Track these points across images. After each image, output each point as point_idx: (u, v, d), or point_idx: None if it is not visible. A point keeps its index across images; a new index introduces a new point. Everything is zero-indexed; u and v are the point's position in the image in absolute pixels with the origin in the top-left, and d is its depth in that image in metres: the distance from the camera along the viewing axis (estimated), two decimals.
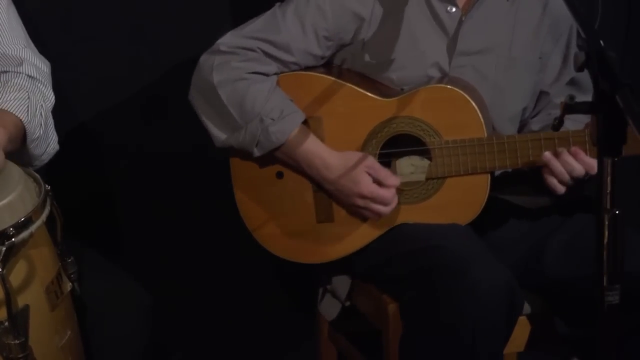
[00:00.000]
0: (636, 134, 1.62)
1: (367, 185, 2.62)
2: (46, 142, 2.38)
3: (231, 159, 2.77)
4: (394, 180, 2.63)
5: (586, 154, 2.55)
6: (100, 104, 3.14)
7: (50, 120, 2.41)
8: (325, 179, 2.66)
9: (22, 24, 2.50)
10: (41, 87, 2.42)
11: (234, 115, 2.64)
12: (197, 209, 3.27)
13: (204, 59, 2.69)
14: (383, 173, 2.63)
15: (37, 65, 2.45)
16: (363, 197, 2.63)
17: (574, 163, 2.56)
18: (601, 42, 1.75)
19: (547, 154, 2.58)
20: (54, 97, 2.45)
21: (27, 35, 2.51)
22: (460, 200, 2.65)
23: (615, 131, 1.71)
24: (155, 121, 3.20)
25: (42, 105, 2.37)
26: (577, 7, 1.89)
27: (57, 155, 2.45)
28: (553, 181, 2.59)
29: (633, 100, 1.66)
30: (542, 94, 2.82)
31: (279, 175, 2.74)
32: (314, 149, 2.65)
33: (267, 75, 2.67)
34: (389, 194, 2.63)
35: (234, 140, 2.66)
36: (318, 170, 2.66)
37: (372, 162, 2.64)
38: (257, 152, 2.65)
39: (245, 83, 2.64)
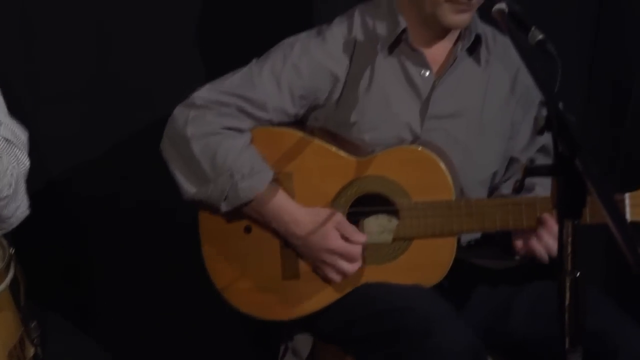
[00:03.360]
0: (595, 198, 1.62)
1: (335, 241, 2.63)
2: (15, 204, 2.36)
3: (200, 212, 2.77)
4: (360, 237, 2.64)
5: (554, 220, 2.55)
6: (67, 162, 3.15)
7: (22, 184, 2.39)
8: (294, 234, 2.66)
9: (1, 94, 2.52)
10: (17, 151, 2.41)
11: (204, 169, 2.64)
12: (163, 270, 3.26)
13: (179, 111, 2.70)
14: (350, 229, 2.64)
15: (15, 132, 2.44)
16: (331, 252, 2.63)
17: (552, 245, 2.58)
18: (561, 105, 1.77)
19: (546, 215, 2.57)
20: (29, 163, 2.43)
21: (5, 107, 2.51)
22: (427, 262, 2.65)
23: (576, 194, 1.72)
24: (122, 182, 3.21)
25: (14, 166, 2.35)
26: (537, 70, 1.92)
27: None
28: (540, 250, 2.61)
29: (592, 164, 1.67)
30: (512, 160, 2.84)
31: (247, 229, 2.74)
32: (283, 205, 2.66)
33: (241, 130, 2.69)
34: (356, 250, 2.63)
35: (202, 194, 2.66)
36: (286, 226, 2.66)
37: (340, 218, 2.65)
38: (224, 207, 2.65)
39: (218, 137, 2.65)
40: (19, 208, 2.38)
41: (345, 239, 2.64)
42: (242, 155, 2.64)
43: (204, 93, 2.71)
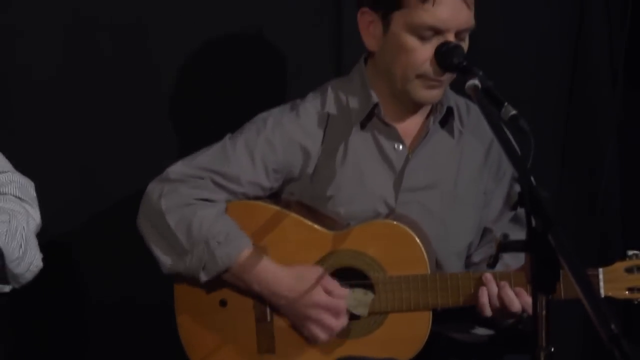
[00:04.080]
0: (568, 273, 1.63)
1: (319, 295, 2.61)
2: (27, 262, 2.42)
3: (175, 284, 2.76)
4: (344, 291, 2.62)
5: (528, 294, 2.55)
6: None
7: (33, 241, 2.45)
8: (277, 293, 2.64)
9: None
10: (28, 207, 2.48)
11: (181, 240, 2.64)
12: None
13: (152, 186, 2.72)
14: (333, 283, 2.63)
15: (24, 186, 2.51)
16: (315, 306, 2.61)
17: (513, 297, 2.56)
18: (533, 180, 1.78)
19: (488, 275, 2.59)
20: (39, 218, 2.50)
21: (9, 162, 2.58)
22: (402, 336, 2.64)
23: (549, 269, 1.72)
24: (97, 258, 3.23)
25: (24, 227, 2.42)
26: (510, 146, 1.94)
27: None
28: (485, 303, 2.59)
29: (565, 240, 1.68)
30: (485, 231, 2.83)
31: (222, 303, 2.73)
32: (263, 267, 2.64)
33: (214, 201, 2.69)
34: (340, 304, 2.62)
35: (181, 266, 2.65)
36: (269, 286, 2.64)
37: (321, 272, 2.64)
38: (204, 277, 2.64)
39: (192, 208, 2.65)
40: (32, 264, 2.45)
41: (329, 292, 2.62)
42: (216, 223, 2.64)
43: (177, 167, 2.72)
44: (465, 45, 2.61)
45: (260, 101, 2.90)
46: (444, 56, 2.51)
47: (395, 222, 2.66)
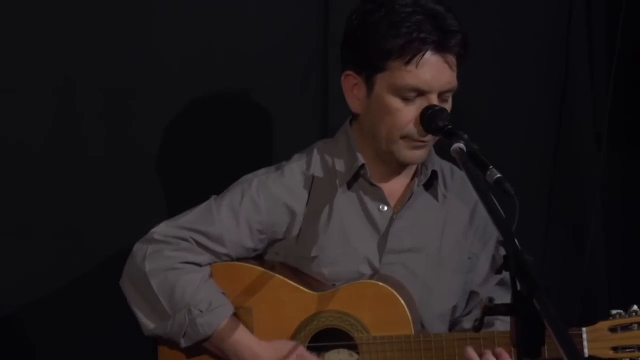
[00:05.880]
0: (552, 336, 1.63)
1: None
2: None
3: (159, 347, 2.75)
4: None
5: (510, 355, 2.55)
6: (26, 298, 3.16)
7: None
8: None
9: None
10: None
11: (163, 305, 2.64)
12: None
13: (137, 247, 2.71)
14: (310, 358, 2.63)
15: None
16: None
17: None
18: (518, 244, 1.79)
19: (469, 350, 2.58)
20: None
21: None
22: None
23: (534, 333, 1.73)
24: (80, 318, 3.21)
25: None
26: (494, 209, 1.95)
27: None
28: None
29: (550, 304, 1.68)
30: (472, 294, 2.83)
31: None
32: (242, 340, 2.64)
33: (199, 265, 2.69)
34: None
35: (161, 330, 2.65)
36: None
37: (301, 350, 2.63)
38: (184, 343, 2.64)
39: (176, 272, 2.65)
40: None
41: None
42: (200, 290, 2.64)
43: (162, 228, 2.72)
44: (448, 106, 2.63)
45: (246, 162, 2.91)
46: (429, 119, 2.52)
47: (379, 283, 2.66)
